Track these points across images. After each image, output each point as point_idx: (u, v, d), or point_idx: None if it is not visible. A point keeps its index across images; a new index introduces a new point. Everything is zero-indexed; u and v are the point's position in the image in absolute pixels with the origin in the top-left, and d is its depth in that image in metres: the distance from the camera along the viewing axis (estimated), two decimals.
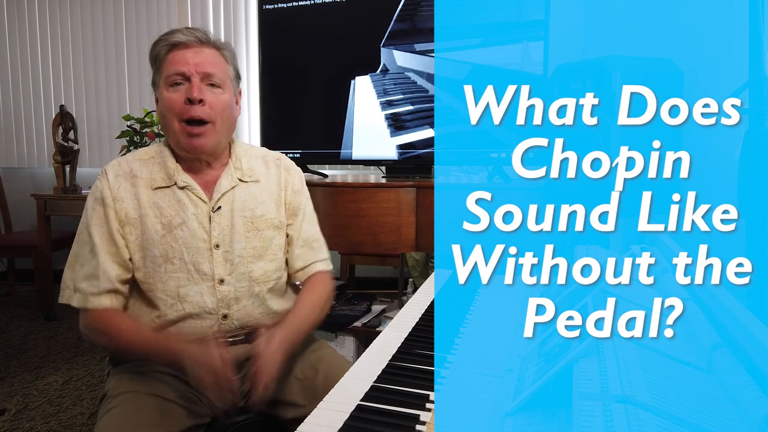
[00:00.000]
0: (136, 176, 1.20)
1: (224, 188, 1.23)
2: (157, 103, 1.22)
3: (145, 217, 1.17)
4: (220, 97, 1.18)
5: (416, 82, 2.19)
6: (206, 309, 1.18)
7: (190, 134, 1.16)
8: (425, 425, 0.66)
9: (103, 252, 1.15)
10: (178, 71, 1.15)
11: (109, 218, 1.16)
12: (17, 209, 3.90)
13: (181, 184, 1.20)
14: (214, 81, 1.17)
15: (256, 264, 1.23)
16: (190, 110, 1.15)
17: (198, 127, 1.16)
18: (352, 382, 0.79)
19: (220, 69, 1.19)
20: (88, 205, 1.20)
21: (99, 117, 4.07)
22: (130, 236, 1.17)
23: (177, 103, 1.15)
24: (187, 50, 1.16)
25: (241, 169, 1.27)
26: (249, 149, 1.33)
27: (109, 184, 1.18)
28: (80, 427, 2.06)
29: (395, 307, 2.53)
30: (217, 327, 1.20)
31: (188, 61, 1.15)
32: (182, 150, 1.20)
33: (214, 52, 1.20)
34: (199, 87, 1.15)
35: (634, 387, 0.58)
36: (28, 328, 3.20)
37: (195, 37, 1.17)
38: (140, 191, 1.19)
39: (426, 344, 0.93)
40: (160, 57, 1.17)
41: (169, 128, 1.18)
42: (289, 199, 1.32)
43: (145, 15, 3.95)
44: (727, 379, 0.62)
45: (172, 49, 1.16)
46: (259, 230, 1.25)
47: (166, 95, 1.16)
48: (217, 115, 1.18)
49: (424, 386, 0.76)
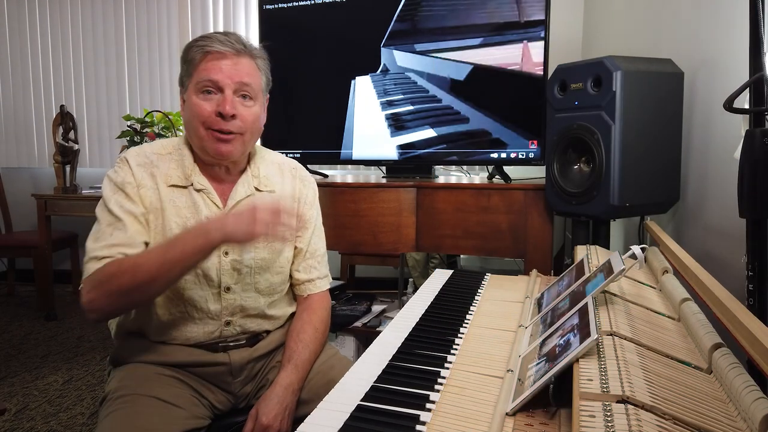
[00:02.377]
0: (155, 168, 1.17)
1: (240, 196, 1.22)
2: (182, 103, 1.19)
3: (165, 211, 1.15)
4: (251, 109, 1.16)
5: (416, 82, 2.19)
6: (209, 314, 1.18)
7: (218, 139, 1.13)
8: (425, 425, 0.66)
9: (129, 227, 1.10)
10: (212, 79, 1.12)
11: (135, 202, 1.13)
12: (17, 209, 3.90)
13: (198, 187, 1.18)
14: (247, 93, 1.15)
15: (262, 276, 1.23)
16: (220, 123, 1.12)
17: (227, 135, 1.14)
18: (352, 382, 0.79)
19: (254, 80, 1.16)
20: (107, 190, 1.15)
21: (99, 117, 4.07)
22: (152, 224, 1.15)
23: (207, 112, 1.12)
24: (223, 60, 1.13)
25: (258, 177, 1.26)
26: (266, 155, 1.32)
27: (132, 171, 1.15)
28: (80, 427, 2.06)
29: (395, 307, 2.53)
30: (219, 333, 1.20)
31: (223, 71, 1.12)
32: (206, 154, 1.17)
33: (250, 61, 1.17)
34: (232, 101, 1.12)
35: (634, 387, 0.58)
36: (28, 328, 3.20)
37: (232, 47, 1.14)
38: (159, 184, 1.16)
39: (426, 344, 0.92)
40: (194, 61, 1.14)
41: (194, 133, 1.15)
42: (301, 212, 1.32)
43: (146, 15, 3.95)
44: (727, 379, 0.62)
45: (207, 55, 1.13)
46: (269, 242, 1.24)
47: (195, 101, 1.13)
48: (247, 128, 1.16)
49: (424, 386, 0.76)
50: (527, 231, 1.92)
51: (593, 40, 2.87)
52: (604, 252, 1.31)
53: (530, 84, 2.01)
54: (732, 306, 0.72)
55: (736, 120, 1.16)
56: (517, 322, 1.02)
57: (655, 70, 1.51)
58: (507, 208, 1.93)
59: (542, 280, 1.35)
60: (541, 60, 1.99)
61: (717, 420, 0.56)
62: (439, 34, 2.14)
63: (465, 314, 1.09)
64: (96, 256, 1.07)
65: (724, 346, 0.69)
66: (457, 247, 2.03)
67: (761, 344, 0.59)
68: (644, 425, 0.51)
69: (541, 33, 1.99)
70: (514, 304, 1.15)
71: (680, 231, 1.65)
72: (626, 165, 1.49)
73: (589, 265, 1.03)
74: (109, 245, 1.08)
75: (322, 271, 1.35)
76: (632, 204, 1.52)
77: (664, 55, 1.61)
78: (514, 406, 0.67)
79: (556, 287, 1.07)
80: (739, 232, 1.08)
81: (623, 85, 1.46)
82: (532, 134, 2.04)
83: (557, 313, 0.89)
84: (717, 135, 1.42)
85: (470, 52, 2.10)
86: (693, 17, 1.59)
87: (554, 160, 1.70)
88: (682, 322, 0.85)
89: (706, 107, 1.49)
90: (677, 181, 1.58)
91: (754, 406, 0.54)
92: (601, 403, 0.56)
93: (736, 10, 1.30)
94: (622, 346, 0.69)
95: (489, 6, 2.06)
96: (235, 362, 1.21)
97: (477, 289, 1.28)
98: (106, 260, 1.06)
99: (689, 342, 0.78)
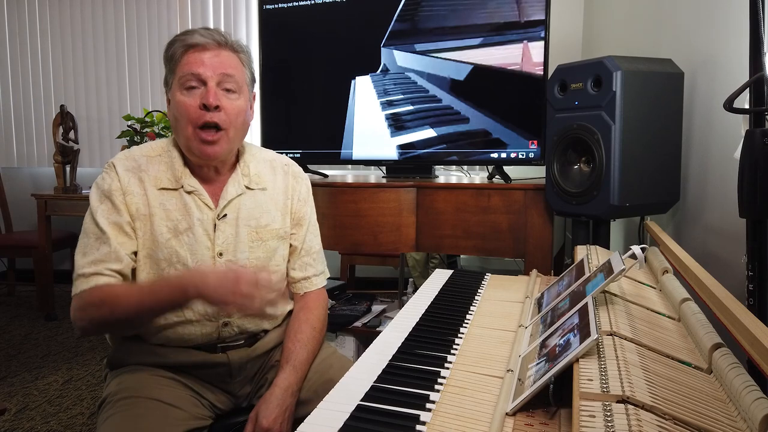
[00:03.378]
0: (144, 172, 1.17)
1: (231, 195, 1.21)
2: (168, 103, 1.19)
3: (153, 216, 1.15)
4: (235, 102, 1.15)
5: (416, 82, 2.19)
6: (207, 316, 1.18)
7: (203, 141, 1.13)
8: (425, 425, 0.66)
9: (113, 240, 1.11)
10: (194, 72, 1.11)
11: (120, 211, 1.13)
12: (17, 209, 3.90)
13: (188, 189, 1.18)
14: (230, 86, 1.14)
15: None
16: (205, 116, 1.11)
17: (212, 133, 1.13)
18: (352, 382, 0.79)
19: (237, 72, 1.16)
20: (93, 199, 1.15)
21: (99, 117, 4.08)
22: (139, 231, 1.14)
23: (191, 107, 1.12)
24: (205, 52, 1.13)
25: (249, 176, 1.25)
26: (257, 153, 1.31)
27: (119, 177, 1.15)
28: (80, 427, 2.06)
29: (395, 307, 2.53)
30: (217, 334, 1.20)
31: (205, 63, 1.12)
32: (193, 155, 1.17)
33: (232, 54, 1.16)
34: (215, 92, 1.12)
35: (634, 387, 0.58)
36: (29, 328, 3.20)
37: (213, 39, 1.13)
38: (148, 188, 1.16)
39: (426, 344, 0.92)
40: (175, 57, 1.13)
41: (181, 133, 1.15)
42: (295, 209, 1.31)
43: (146, 15, 3.95)
44: (727, 379, 0.62)
45: (188, 49, 1.13)
46: (264, 240, 1.24)
47: (180, 98, 1.13)
48: (231, 123, 1.15)
49: (424, 386, 0.76)
50: (527, 231, 1.92)
51: (593, 40, 2.87)
52: (604, 252, 1.31)
53: (530, 84, 2.01)
54: (732, 306, 0.72)
55: (736, 120, 1.17)
56: (517, 322, 1.02)
57: (655, 70, 1.51)
58: (507, 208, 1.94)
59: (542, 280, 1.35)
60: (541, 60, 1.99)
61: (717, 420, 0.56)
62: (439, 34, 2.14)
63: (465, 314, 1.09)
64: (83, 273, 1.10)
65: (724, 346, 0.69)
66: (457, 247, 2.03)
67: (761, 344, 0.59)
68: (644, 425, 0.51)
69: (541, 33, 1.99)
70: (514, 304, 1.15)
71: (680, 231, 1.65)
72: (626, 165, 1.49)
73: (589, 265, 1.03)
74: (96, 261, 1.10)
75: (318, 268, 1.35)
76: (632, 204, 1.52)
77: (664, 55, 1.61)
78: (514, 406, 0.67)
79: (556, 287, 1.07)
80: (739, 232, 1.09)
81: (623, 85, 1.46)
82: (532, 134, 2.04)
83: (557, 313, 0.89)
84: (717, 135, 1.42)
85: (470, 52, 2.10)
86: (693, 17, 1.59)
87: (554, 160, 1.70)
88: (682, 322, 0.85)
89: (706, 107, 1.49)
90: (677, 181, 1.58)
91: (754, 406, 0.54)
92: (601, 403, 0.56)
93: (736, 10, 1.30)
94: (622, 346, 0.69)
95: (489, 6, 2.06)
96: (234, 362, 1.21)
97: (477, 289, 1.28)
98: (93, 278, 1.09)
99: (689, 342, 0.78)
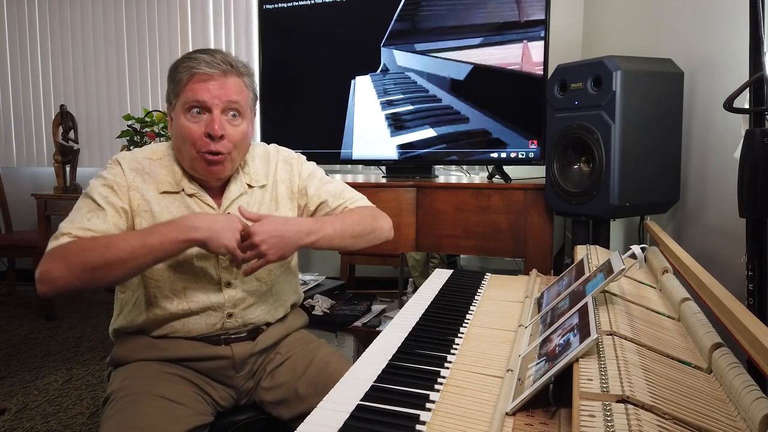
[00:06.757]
0: (147, 174, 1.19)
1: (233, 195, 1.24)
2: (170, 120, 1.20)
3: (155, 214, 1.17)
4: (239, 128, 1.18)
5: (416, 82, 2.19)
6: (212, 307, 1.20)
7: (208, 162, 1.15)
8: (425, 425, 0.66)
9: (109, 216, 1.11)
10: (199, 100, 1.13)
11: (121, 198, 1.14)
12: (17, 209, 3.90)
13: (189, 191, 1.20)
14: (235, 112, 1.17)
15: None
16: (209, 144, 1.14)
17: (216, 156, 1.15)
18: (352, 382, 0.79)
19: (242, 98, 1.18)
20: (94, 183, 1.16)
21: (99, 117, 4.08)
22: (138, 227, 1.15)
23: (196, 134, 1.14)
24: (210, 81, 1.14)
25: (249, 174, 1.28)
26: (252, 150, 1.33)
27: (124, 173, 1.17)
28: (80, 426, 2.06)
29: (395, 307, 2.53)
30: (221, 324, 1.21)
31: (210, 91, 1.13)
32: (197, 173, 1.19)
33: (237, 80, 1.18)
34: (220, 121, 1.14)
35: (634, 387, 0.58)
36: (28, 328, 3.20)
37: (219, 68, 1.14)
38: (151, 190, 1.18)
39: (426, 344, 0.92)
40: (182, 81, 1.15)
41: (185, 153, 1.17)
42: (300, 187, 1.33)
43: (146, 15, 3.95)
44: (727, 378, 0.62)
45: (193, 76, 1.14)
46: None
47: (184, 122, 1.14)
48: (235, 147, 1.18)
49: (424, 386, 0.76)
50: (527, 231, 1.92)
51: (593, 40, 2.87)
52: (604, 252, 1.31)
53: (530, 84, 2.01)
54: (732, 306, 0.72)
55: (736, 120, 1.16)
56: (517, 321, 1.02)
57: (655, 70, 1.51)
58: (507, 208, 1.94)
59: (542, 280, 1.35)
60: (541, 60, 1.99)
61: (717, 420, 0.56)
62: (439, 33, 2.14)
63: (465, 314, 1.09)
64: (69, 232, 1.07)
65: (724, 346, 0.69)
66: (457, 247, 2.03)
67: (761, 344, 0.59)
68: (644, 425, 0.51)
69: (541, 33, 1.99)
70: (514, 304, 1.14)
71: (680, 231, 1.65)
72: (626, 165, 1.49)
73: (589, 265, 1.03)
74: (84, 228, 1.08)
75: (354, 195, 1.36)
76: (632, 204, 1.52)
77: (664, 55, 1.61)
78: (514, 405, 0.67)
79: (556, 287, 1.07)
80: (739, 232, 1.08)
81: (623, 85, 1.46)
82: (532, 134, 2.04)
83: (557, 312, 0.88)
84: (717, 135, 1.42)
85: (470, 52, 2.10)
86: (693, 17, 1.58)
87: (554, 159, 1.70)
88: (682, 321, 0.85)
89: (706, 107, 1.49)
90: (677, 181, 1.58)
91: (754, 406, 0.54)
92: (601, 403, 0.56)
93: (736, 10, 1.30)
94: (622, 346, 0.69)
95: (489, 6, 2.06)
96: (238, 355, 1.22)
97: (477, 288, 1.28)
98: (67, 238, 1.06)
99: (689, 342, 0.78)
